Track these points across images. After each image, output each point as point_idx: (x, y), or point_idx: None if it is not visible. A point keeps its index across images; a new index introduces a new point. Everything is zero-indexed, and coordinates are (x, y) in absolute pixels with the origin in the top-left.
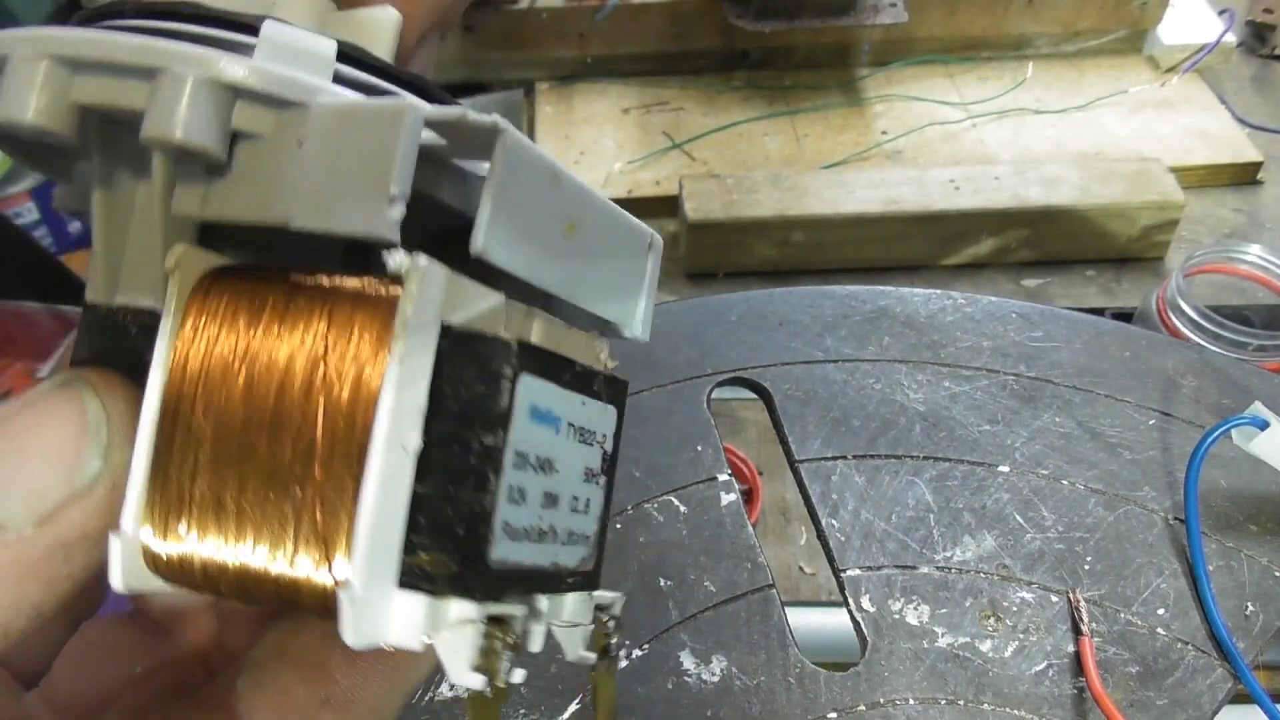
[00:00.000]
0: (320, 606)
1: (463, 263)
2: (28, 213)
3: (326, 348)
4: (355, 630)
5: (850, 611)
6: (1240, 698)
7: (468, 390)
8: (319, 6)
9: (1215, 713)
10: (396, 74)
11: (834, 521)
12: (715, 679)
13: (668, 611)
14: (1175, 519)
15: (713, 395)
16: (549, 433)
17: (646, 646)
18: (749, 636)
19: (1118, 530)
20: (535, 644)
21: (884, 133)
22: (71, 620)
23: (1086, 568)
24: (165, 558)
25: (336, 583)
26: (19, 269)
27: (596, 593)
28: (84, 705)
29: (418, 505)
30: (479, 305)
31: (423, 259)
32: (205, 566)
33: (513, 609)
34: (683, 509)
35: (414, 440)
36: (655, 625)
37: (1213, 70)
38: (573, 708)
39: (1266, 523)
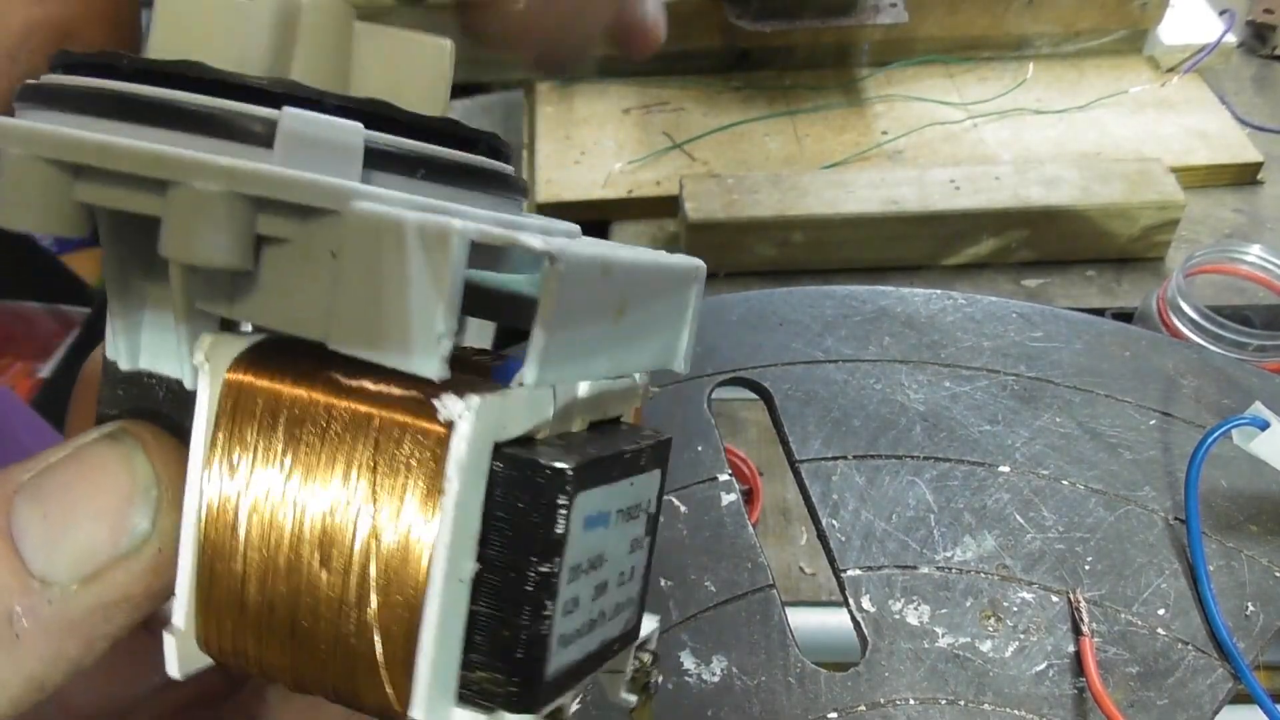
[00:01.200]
0: (379, 709)
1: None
2: None
3: (375, 475)
4: None
5: (850, 611)
6: (1240, 698)
7: (522, 519)
8: (341, 36)
9: (1215, 713)
10: (439, 129)
11: (834, 521)
12: (715, 679)
13: (668, 611)
14: (1175, 519)
15: (713, 395)
16: (600, 532)
17: None
18: (749, 636)
19: (1118, 530)
20: (611, 693)
21: (884, 133)
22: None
23: (1087, 568)
24: (219, 647)
25: (401, 702)
26: (19, 269)
27: (634, 645)
28: (101, 716)
29: (474, 624)
30: (527, 420)
31: (475, 401)
32: (261, 665)
33: (566, 700)
34: (683, 509)
35: (469, 569)
36: None
37: (1213, 70)
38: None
39: (1267, 523)
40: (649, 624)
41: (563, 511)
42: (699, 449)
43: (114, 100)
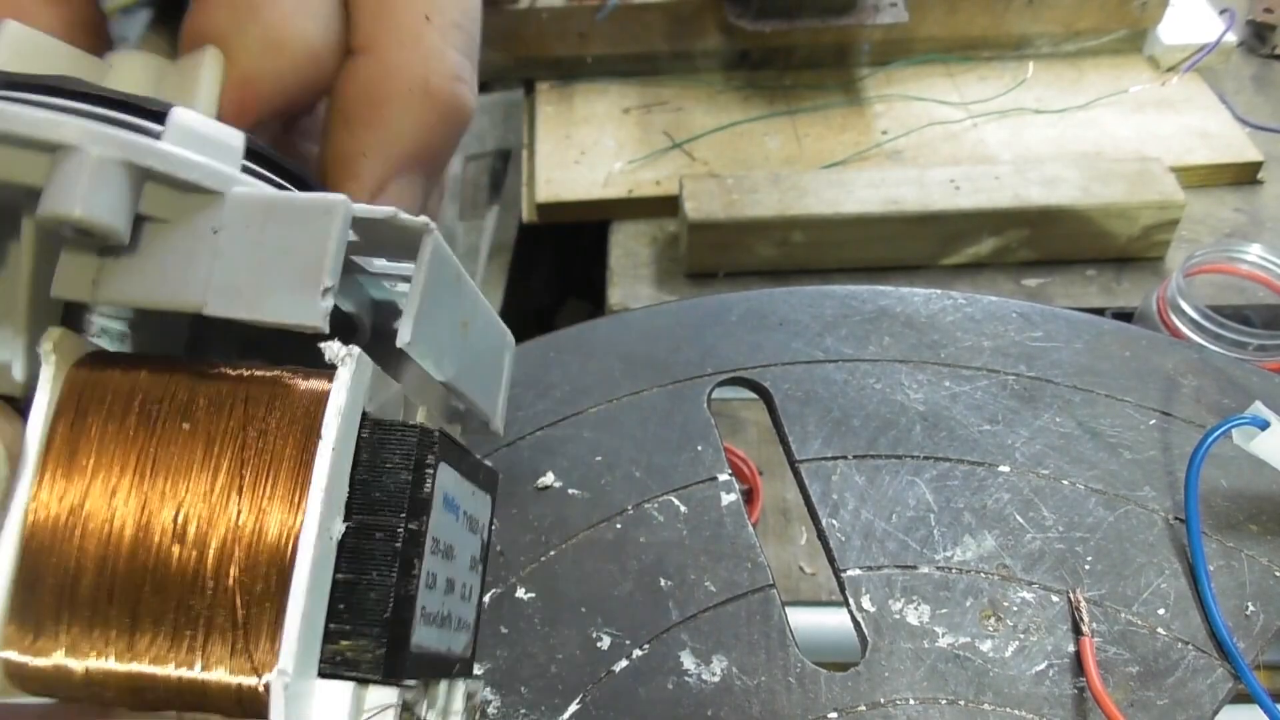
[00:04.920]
0: (233, 705)
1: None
2: None
3: (243, 441)
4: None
5: (850, 611)
6: (1241, 698)
7: (391, 478)
8: (154, 65)
9: (1215, 713)
10: (282, 164)
11: (834, 521)
12: (715, 679)
13: (668, 611)
14: (1175, 519)
15: (713, 395)
16: (452, 520)
17: (646, 646)
18: (749, 636)
19: (1118, 530)
20: None
21: (884, 132)
22: None
23: (1087, 568)
24: (34, 669)
25: (261, 674)
26: None
27: (468, 680)
28: None
29: (338, 592)
30: (387, 393)
31: (356, 350)
32: (89, 675)
33: (419, 697)
34: (683, 509)
35: (339, 528)
36: (655, 625)
37: (1213, 70)
38: (573, 708)
39: (1267, 522)
40: (476, 683)
41: (430, 470)
42: (699, 449)
43: (6, 80)
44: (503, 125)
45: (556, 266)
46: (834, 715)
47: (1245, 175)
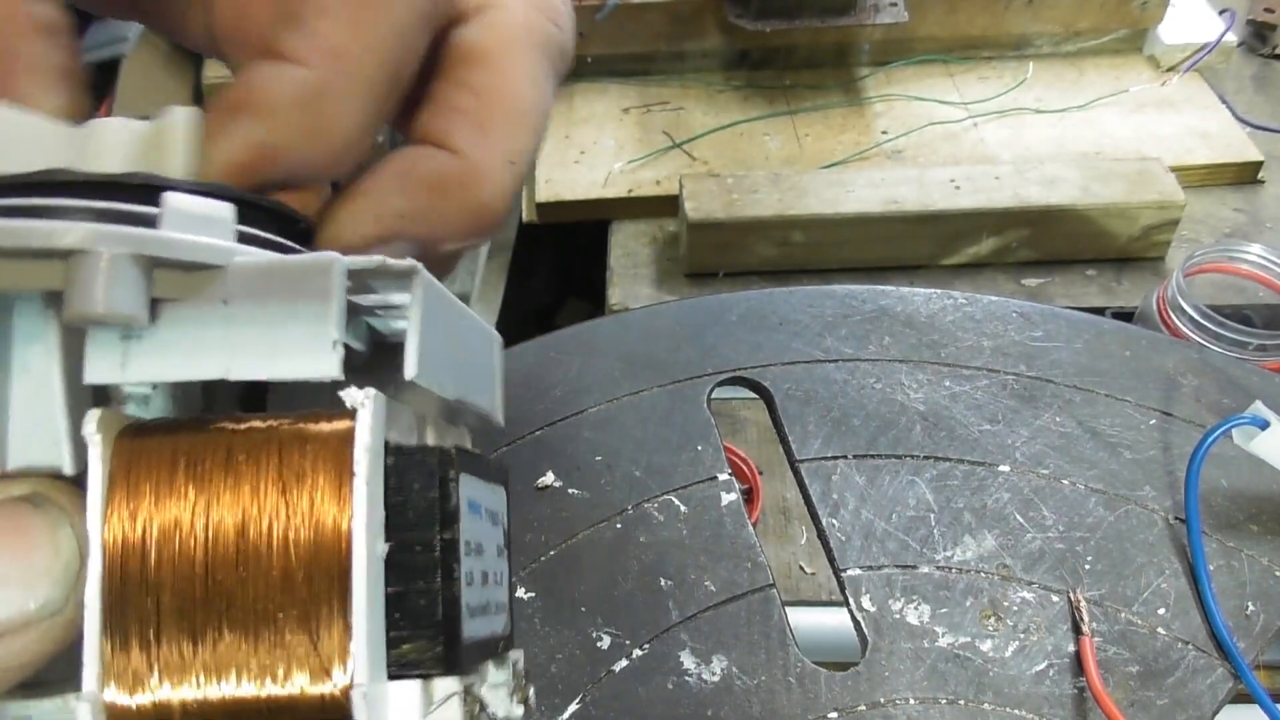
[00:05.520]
0: (318, 715)
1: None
2: None
3: (284, 484)
4: None
5: (850, 611)
6: (1240, 698)
7: (420, 497)
8: (131, 130)
9: (1215, 713)
10: (261, 204)
11: (834, 521)
12: (715, 679)
13: (668, 611)
14: (1176, 519)
15: (713, 395)
16: (477, 519)
17: (646, 646)
18: (749, 636)
19: (1118, 530)
20: (498, 706)
21: (884, 132)
22: None
23: (1087, 567)
24: (136, 709)
25: (344, 688)
26: None
27: (512, 652)
28: None
29: (392, 604)
30: (403, 416)
31: (372, 391)
32: (185, 707)
33: (476, 678)
34: (683, 509)
35: (382, 548)
36: (655, 625)
37: (1213, 70)
38: (573, 707)
39: (1267, 522)
40: (518, 653)
41: (453, 484)
42: (699, 449)
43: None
44: None
45: (556, 266)
46: (834, 715)
47: (1245, 175)
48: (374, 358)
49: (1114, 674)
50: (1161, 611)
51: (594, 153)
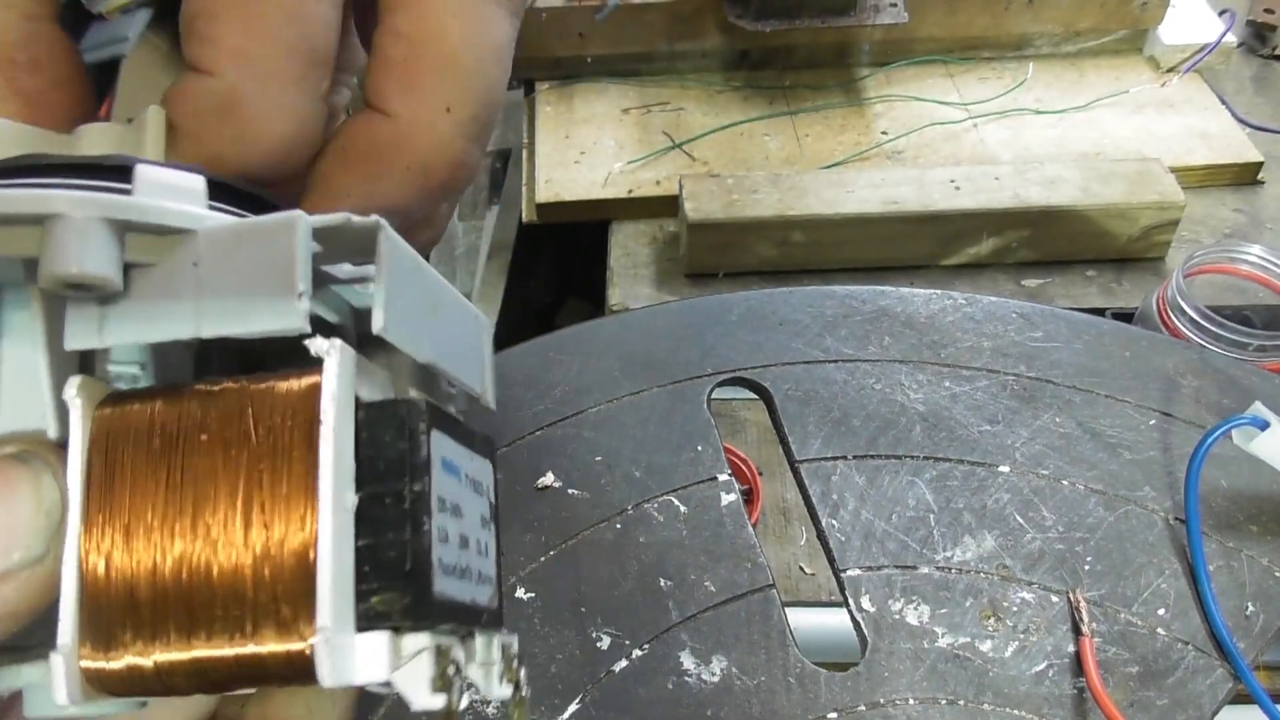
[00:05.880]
0: (286, 669)
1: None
2: None
3: (255, 440)
4: (331, 672)
5: (850, 611)
6: (1240, 698)
7: (390, 449)
8: (115, 132)
9: (1215, 713)
10: (236, 186)
11: (834, 521)
12: (715, 679)
13: (668, 611)
14: (1175, 519)
15: (713, 395)
16: (454, 481)
17: (646, 646)
18: (749, 636)
19: (1118, 530)
20: (486, 686)
21: (884, 133)
22: None
23: (1087, 568)
24: (109, 671)
25: (306, 635)
26: None
27: (500, 634)
28: None
29: (361, 557)
30: (375, 380)
31: (339, 342)
32: (158, 669)
33: (452, 640)
34: (683, 509)
35: (351, 500)
36: (655, 625)
37: (1213, 70)
38: (573, 707)
39: (1267, 523)
40: (511, 636)
41: (424, 436)
42: (699, 449)
43: None
44: (502, 125)
45: (556, 266)
46: (834, 715)
47: (1245, 176)
48: (364, 345)
49: (1114, 674)
50: (1161, 612)
51: (594, 153)
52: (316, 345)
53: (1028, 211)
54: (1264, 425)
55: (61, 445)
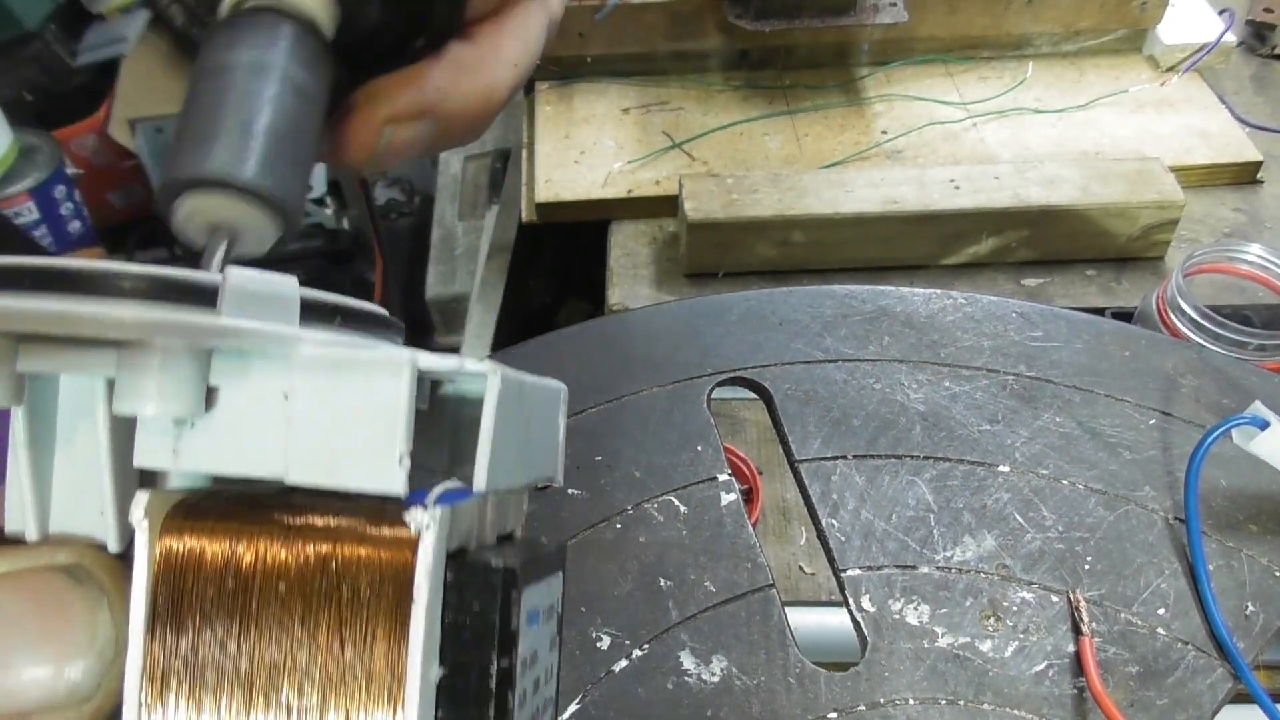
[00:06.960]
0: None
1: None
2: (28, 212)
3: (340, 598)
4: None
5: (850, 611)
6: (1240, 698)
7: (480, 620)
8: None
9: (1215, 713)
10: (354, 308)
11: (834, 521)
12: (715, 679)
13: (668, 611)
14: (1175, 519)
15: (713, 395)
16: (535, 629)
17: (646, 646)
18: (749, 636)
19: (1118, 530)
20: None
21: (884, 132)
22: None
23: (1086, 568)
24: None
25: None
26: None
27: None
28: None
29: None
30: (465, 523)
31: (438, 510)
32: None
33: None
34: (683, 509)
35: (436, 672)
36: (655, 625)
37: (1213, 70)
38: (573, 708)
39: (1267, 522)
40: None
41: (515, 606)
42: (699, 449)
43: (51, 274)
44: (502, 125)
45: (556, 266)
46: (834, 715)
47: (1245, 175)
48: (432, 406)
49: (1114, 674)
50: (1161, 611)
51: (594, 153)
52: (416, 520)
53: (1027, 211)
54: (1264, 425)
55: (122, 557)
